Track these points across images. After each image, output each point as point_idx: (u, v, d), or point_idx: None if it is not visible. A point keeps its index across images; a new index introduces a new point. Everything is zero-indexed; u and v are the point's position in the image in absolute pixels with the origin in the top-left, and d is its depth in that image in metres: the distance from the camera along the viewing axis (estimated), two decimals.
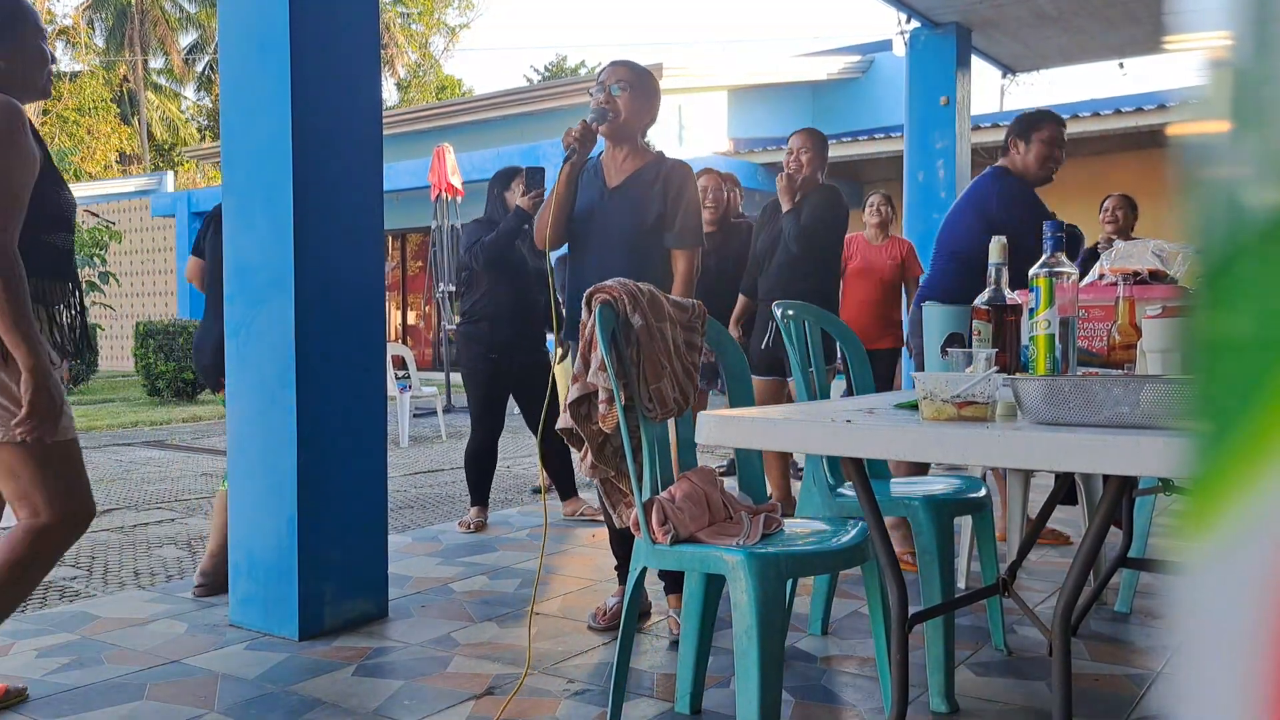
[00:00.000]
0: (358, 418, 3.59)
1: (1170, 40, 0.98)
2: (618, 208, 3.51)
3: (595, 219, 3.53)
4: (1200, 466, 0.40)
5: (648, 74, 3.56)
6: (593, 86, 3.53)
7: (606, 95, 3.48)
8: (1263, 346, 0.37)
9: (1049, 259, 2.43)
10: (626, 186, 3.53)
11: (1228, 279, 0.39)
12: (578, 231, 3.56)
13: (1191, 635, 0.40)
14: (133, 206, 21.34)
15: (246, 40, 3.48)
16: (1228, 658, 0.38)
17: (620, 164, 3.57)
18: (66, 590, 4.18)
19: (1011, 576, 2.65)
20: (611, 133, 3.52)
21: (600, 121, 3.46)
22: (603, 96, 3.48)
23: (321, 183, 3.45)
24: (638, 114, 3.53)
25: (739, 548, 2.30)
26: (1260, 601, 0.37)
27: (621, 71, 3.51)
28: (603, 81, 3.50)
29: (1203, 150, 0.41)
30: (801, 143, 5.04)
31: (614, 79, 3.49)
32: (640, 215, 3.49)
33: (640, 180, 3.53)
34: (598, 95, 3.49)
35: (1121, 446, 1.51)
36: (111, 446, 9.07)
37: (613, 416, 2.53)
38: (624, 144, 3.56)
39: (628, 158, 3.57)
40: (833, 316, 3.57)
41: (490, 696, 2.88)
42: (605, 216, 3.51)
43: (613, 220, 3.50)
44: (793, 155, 5.04)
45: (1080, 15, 7.85)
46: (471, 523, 5.15)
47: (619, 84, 3.49)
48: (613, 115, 3.47)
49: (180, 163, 32.60)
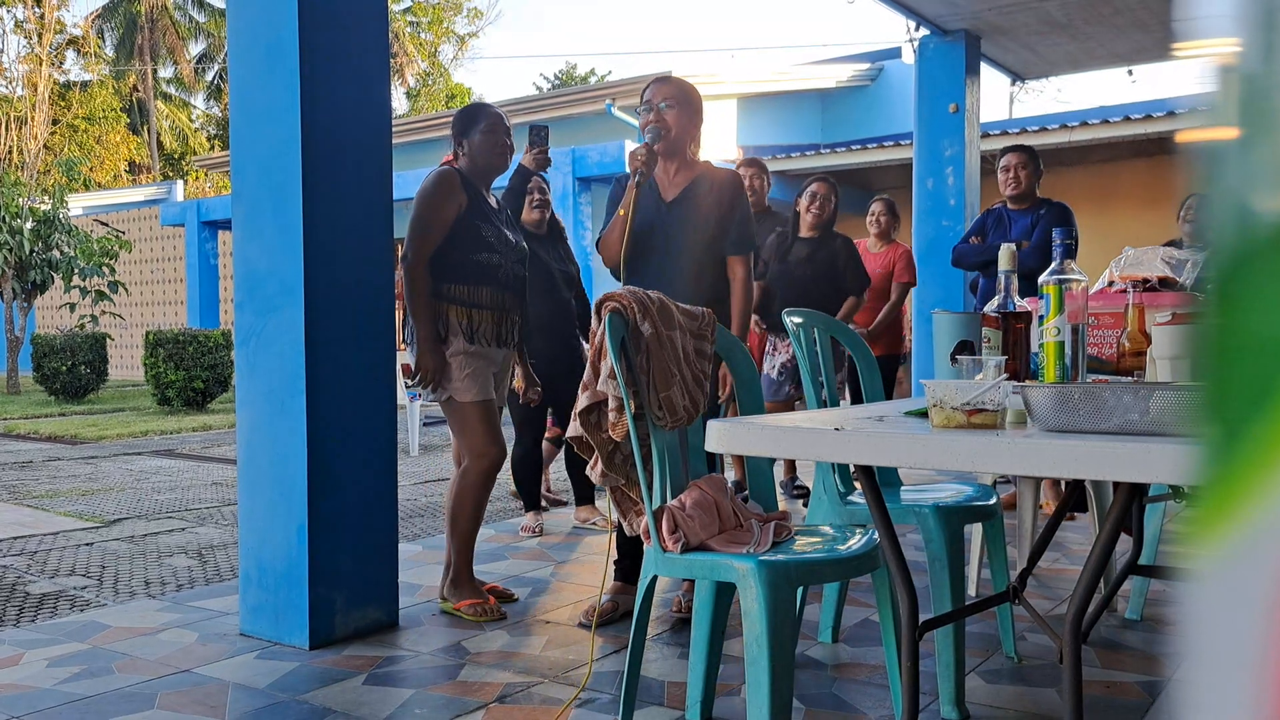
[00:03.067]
0: (367, 426, 3.60)
1: (1179, 47, 0.99)
2: (677, 220, 3.65)
3: (656, 232, 3.65)
4: (1210, 473, 0.40)
5: (691, 88, 3.73)
6: (639, 107, 3.68)
7: (656, 114, 3.62)
8: (1273, 353, 0.37)
9: (1058, 266, 2.42)
10: (683, 199, 3.68)
11: (1238, 285, 0.39)
12: (637, 245, 3.65)
13: (1202, 642, 0.40)
14: (142, 216, 21.39)
15: (256, 49, 3.49)
16: (1238, 665, 0.38)
17: (673, 177, 3.72)
18: (77, 600, 4.19)
19: (1022, 584, 2.64)
20: (664, 149, 3.65)
21: (657, 140, 3.60)
22: (652, 115, 3.62)
23: (331, 191, 3.46)
24: (685, 128, 3.67)
25: (749, 555, 2.30)
26: (1271, 608, 0.37)
27: (667, 89, 3.65)
28: (649, 101, 3.64)
29: (1212, 157, 0.41)
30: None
31: (660, 97, 3.63)
32: (700, 225, 3.64)
33: (696, 192, 3.68)
34: (646, 115, 3.63)
35: (1131, 454, 1.50)
36: (122, 456, 9.10)
37: (623, 425, 2.53)
38: (674, 158, 3.71)
39: (679, 171, 3.72)
40: (842, 325, 3.57)
41: (501, 705, 2.88)
42: (666, 229, 3.65)
43: (674, 231, 3.64)
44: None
45: (1089, 23, 7.84)
46: (533, 526, 5.22)
47: (666, 101, 3.63)
48: (665, 132, 3.61)
49: (190, 172, 32.72)
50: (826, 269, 5.62)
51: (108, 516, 6.07)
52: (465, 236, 3.72)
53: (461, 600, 3.75)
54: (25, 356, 17.87)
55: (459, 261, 3.72)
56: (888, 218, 6.55)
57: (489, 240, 3.75)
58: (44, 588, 4.38)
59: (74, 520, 5.95)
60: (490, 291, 3.77)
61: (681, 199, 3.69)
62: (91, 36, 34.02)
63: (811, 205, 5.65)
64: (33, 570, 4.71)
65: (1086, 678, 3.00)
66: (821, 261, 5.61)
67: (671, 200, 3.70)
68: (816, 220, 5.63)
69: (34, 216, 15.49)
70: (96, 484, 7.43)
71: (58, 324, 20.07)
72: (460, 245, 3.71)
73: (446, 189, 3.70)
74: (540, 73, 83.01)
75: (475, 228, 3.73)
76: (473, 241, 3.73)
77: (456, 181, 3.73)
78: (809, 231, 5.67)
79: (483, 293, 3.75)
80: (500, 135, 3.84)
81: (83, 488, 7.25)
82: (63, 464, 8.55)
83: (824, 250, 5.63)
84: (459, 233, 3.71)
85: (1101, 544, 1.96)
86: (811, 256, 5.61)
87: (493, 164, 3.86)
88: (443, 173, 3.75)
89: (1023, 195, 5.48)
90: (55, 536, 5.49)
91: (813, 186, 5.71)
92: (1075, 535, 4.90)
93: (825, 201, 5.65)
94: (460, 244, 3.71)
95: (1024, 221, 5.41)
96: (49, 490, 7.13)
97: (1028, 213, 5.45)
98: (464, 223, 3.71)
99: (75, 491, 7.07)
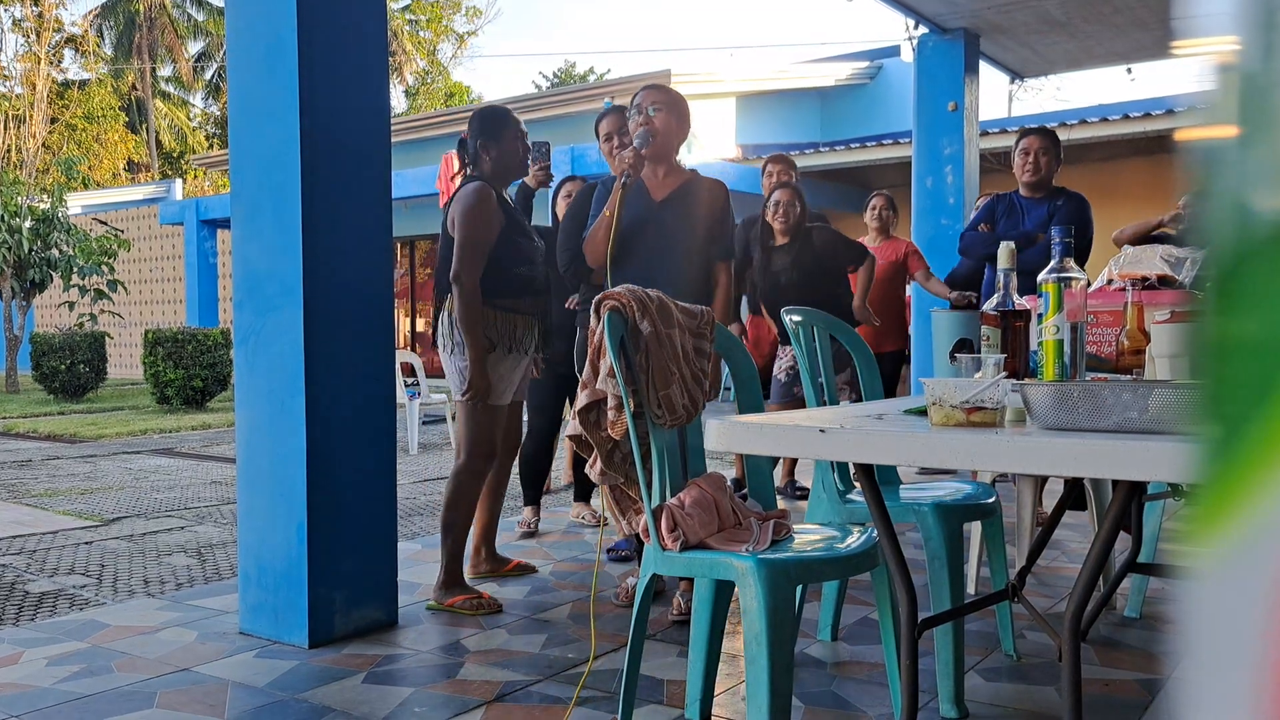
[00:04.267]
0: (366, 425, 3.60)
1: (1178, 46, 0.99)
2: (669, 218, 3.79)
3: (647, 230, 3.77)
4: (1209, 471, 0.40)
5: (678, 95, 3.89)
6: (629, 111, 3.85)
7: (646, 118, 3.78)
8: (1272, 351, 0.37)
9: (1057, 264, 2.42)
10: (674, 199, 3.82)
11: (1237, 283, 0.39)
12: (625, 244, 3.77)
13: (1201, 641, 0.40)
14: (141, 214, 21.39)
15: (255, 47, 3.49)
16: (1237, 663, 0.38)
17: (662, 180, 3.86)
18: (76, 599, 4.19)
19: (1021, 582, 2.64)
20: (652, 152, 3.78)
21: (646, 145, 3.74)
22: (642, 119, 3.77)
23: (330, 190, 3.46)
24: (673, 132, 3.81)
25: (748, 554, 2.30)
26: (1270, 606, 0.37)
27: (655, 95, 3.82)
28: (639, 105, 3.81)
29: (1211, 155, 0.41)
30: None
31: (649, 102, 3.80)
32: (691, 224, 3.79)
33: (687, 193, 3.83)
34: (636, 119, 3.79)
35: (1130, 452, 1.50)
36: (121, 454, 9.09)
37: (622, 423, 2.53)
38: (662, 161, 3.86)
39: (668, 174, 3.87)
40: (842, 323, 3.57)
41: (500, 703, 2.88)
42: (657, 227, 3.78)
43: (666, 229, 3.78)
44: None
45: (1088, 21, 7.84)
46: (530, 522, 5.22)
47: (655, 106, 3.79)
48: (653, 136, 3.75)
49: (188, 170, 32.70)
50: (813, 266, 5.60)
51: (107, 515, 6.07)
52: (507, 251, 3.85)
53: (453, 598, 3.79)
54: (24, 355, 17.85)
55: (502, 276, 3.85)
56: (888, 212, 6.54)
57: (526, 253, 3.91)
58: (43, 586, 4.38)
59: (73, 519, 5.95)
60: (530, 300, 3.94)
61: (672, 200, 3.81)
62: (90, 35, 34.00)
63: (776, 214, 5.64)
64: (32, 569, 4.71)
65: (1085, 676, 3.00)
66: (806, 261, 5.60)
67: (662, 200, 3.82)
68: (785, 227, 5.63)
69: (33, 215, 15.48)
70: (95, 483, 7.43)
71: (57, 323, 20.05)
72: (504, 260, 3.85)
73: (491, 207, 3.81)
74: (539, 71, 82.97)
75: (515, 243, 3.87)
76: (513, 255, 3.87)
77: (494, 197, 3.85)
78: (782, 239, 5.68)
79: (524, 303, 3.91)
80: (525, 142, 4.01)
81: (82, 486, 7.25)
82: (62, 463, 8.55)
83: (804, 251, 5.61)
84: (501, 248, 3.84)
85: (1100, 542, 1.96)
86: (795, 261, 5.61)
87: (516, 171, 4.01)
88: (481, 190, 3.83)
89: (1040, 183, 5.14)
90: (54, 535, 5.49)
91: (775, 195, 5.67)
92: (1074, 534, 4.90)
93: (789, 209, 5.61)
94: (504, 259, 3.85)
95: (1039, 212, 5.10)
96: (48, 489, 7.13)
97: (1043, 202, 5.12)
98: (505, 237, 3.84)
99: (74, 490, 7.07)
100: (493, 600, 3.80)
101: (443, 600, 3.80)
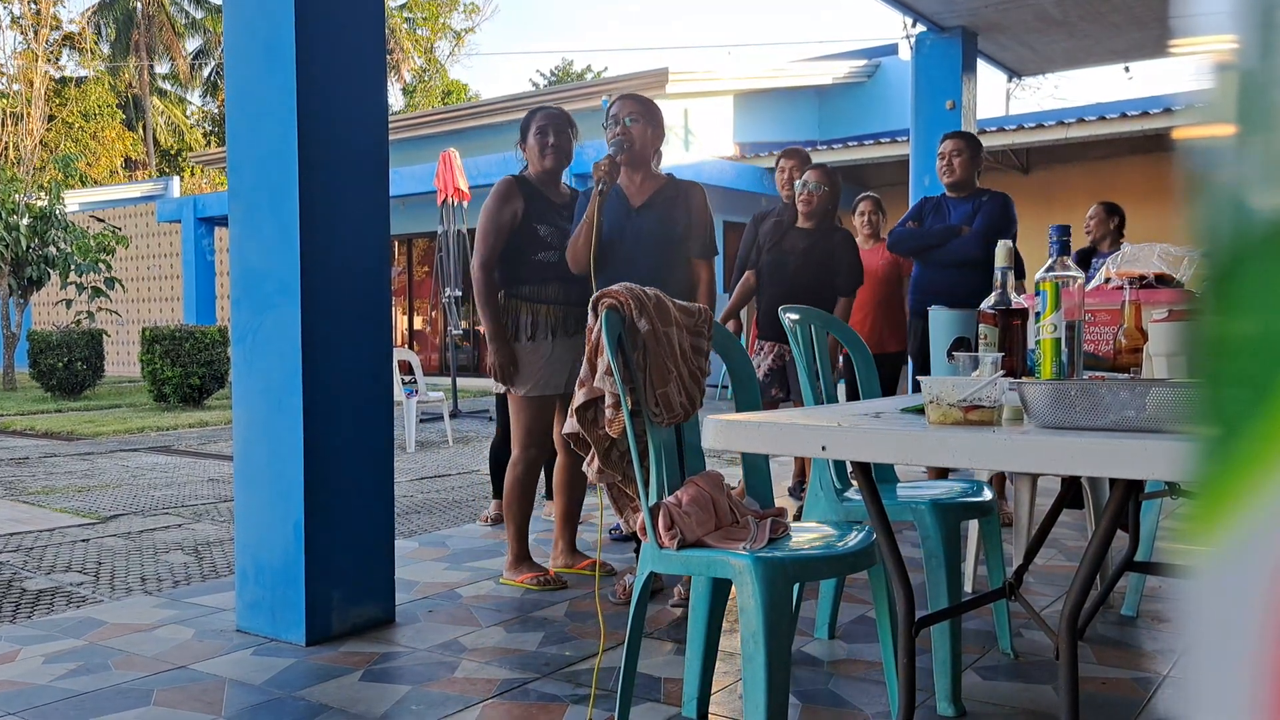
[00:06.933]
0: (364, 423, 3.59)
1: (1176, 44, 0.99)
2: (647, 222, 3.90)
3: (626, 234, 3.89)
4: (1207, 470, 0.40)
5: (653, 104, 4.02)
6: (604, 122, 3.96)
7: (622, 127, 3.89)
8: (1269, 350, 0.37)
9: (1054, 263, 2.42)
10: (652, 204, 3.94)
11: (1234, 282, 0.39)
12: (605, 249, 3.88)
13: (1198, 638, 0.40)
14: (138, 212, 21.38)
15: (252, 45, 3.49)
16: (1235, 661, 0.38)
17: (639, 186, 3.98)
18: (73, 596, 4.19)
19: (1018, 580, 2.64)
20: (629, 160, 3.91)
21: (621, 152, 3.87)
22: (619, 129, 3.89)
23: (328, 188, 3.46)
24: (648, 141, 3.95)
25: (746, 552, 2.30)
26: (1267, 604, 0.37)
27: (631, 104, 3.94)
28: (615, 115, 3.92)
29: (1209, 154, 0.41)
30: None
31: (625, 112, 3.92)
32: (669, 227, 3.91)
33: (664, 197, 3.95)
34: (613, 128, 3.90)
35: (1128, 450, 1.51)
36: (118, 452, 9.09)
37: (619, 421, 2.53)
38: (640, 168, 3.98)
39: (645, 180, 3.99)
40: (840, 321, 3.57)
41: (498, 701, 2.88)
42: (636, 231, 3.90)
43: (644, 232, 3.89)
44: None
45: (1086, 19, 7.85)
46: (491, 516, 5.35)
47: (630, 115, 3.91)
48: (629, 145, 3.87)
49: (186, 168, 32.67)
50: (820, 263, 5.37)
51: (104, 513, 6.07)
52: (525, 238, 4.07)
53: (521, 575, 4.11)
54: (21, 353, 17.83)
55: (523, 263, 4.07)
56: (877, 215, 6.51)
57: (546, 240, 4.08)
58: (40, 584, 4.38)
59: (70, 516, 5.95)
60: (556, 287, 4.08)
61: (648, 205, 3.94)
62: (87, 32, 33.97)
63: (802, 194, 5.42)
64: (29, 566, 4.71)
65: (1083, 674, 3.01)
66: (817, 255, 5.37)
67: (639, 206, 3.95)
68: (807, 209, 5.37)
69: (30, 213, 15.48)
70: (93, 480, 7.43)
71: (54, 320, 20.01)
72: (523, 247, 4.07)
73: (501, 197, 4.07)
74: (537, 69, 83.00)
75: (533, 230, 4.07)
76: (531, 242, 4.07)
77: (513, 188, 4.09)
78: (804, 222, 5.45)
79: (549, 289, 4.08)
80: (546, 136, 4.14)
81: (79, 484, 7.25)
82: (59, 460, 8.55)
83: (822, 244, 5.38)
84: (519, 235, 4.07)
85: (1098, 540, 1.96)
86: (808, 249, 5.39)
87: (540, 165, 4.16)
88: (500, 181, 4.13)
89: (959, 184, 5.27)
90: (51, 533, 5.48)
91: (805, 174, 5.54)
92: (1071, 532, 4.90)
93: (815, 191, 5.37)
94: (523, 246, 4.07)
95: (963, 209, 5.23)
96: (45, 486, 7.12)
97: (966, 201, 5.25)
98: (523, 226, 4.07)
99: (71, 488, 7.07)
100: (558, 577, 4.11)
101: (513, 578, 4.13)
